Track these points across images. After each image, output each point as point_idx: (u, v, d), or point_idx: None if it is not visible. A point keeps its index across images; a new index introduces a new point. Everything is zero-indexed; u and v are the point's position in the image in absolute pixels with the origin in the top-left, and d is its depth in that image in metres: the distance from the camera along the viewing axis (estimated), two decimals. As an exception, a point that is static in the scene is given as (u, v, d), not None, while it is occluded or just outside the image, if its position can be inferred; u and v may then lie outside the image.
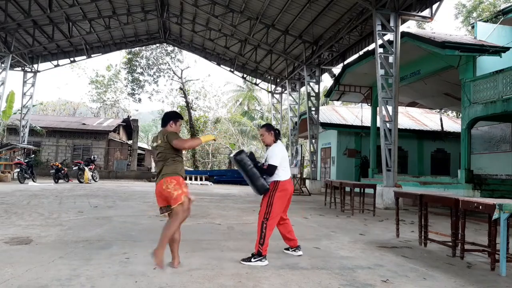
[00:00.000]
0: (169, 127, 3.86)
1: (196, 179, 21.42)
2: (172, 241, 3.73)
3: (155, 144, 3.87)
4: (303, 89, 20.62)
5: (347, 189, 9.48)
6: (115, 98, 35.14)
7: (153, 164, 32.69)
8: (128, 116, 32.86)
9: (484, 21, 14.55)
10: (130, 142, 30.74)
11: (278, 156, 4.24)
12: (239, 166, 4.24)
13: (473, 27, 14.94)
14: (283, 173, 4.26)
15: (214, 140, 4.45)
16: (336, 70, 18.24)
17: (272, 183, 4.23)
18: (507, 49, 11.05)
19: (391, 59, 11.20)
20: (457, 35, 16.71)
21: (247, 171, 4.19)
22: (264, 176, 4.22)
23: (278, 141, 4.48)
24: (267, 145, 4.43)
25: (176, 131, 3.86)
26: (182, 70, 30.82)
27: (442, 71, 12.85)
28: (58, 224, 6.03)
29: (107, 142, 26.89)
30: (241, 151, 4.30)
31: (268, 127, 4.46)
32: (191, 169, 26.89)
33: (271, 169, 4.19)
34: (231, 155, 4.42)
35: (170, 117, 3.91)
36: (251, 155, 4.31)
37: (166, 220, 3.85)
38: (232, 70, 23.85)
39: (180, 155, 3.86)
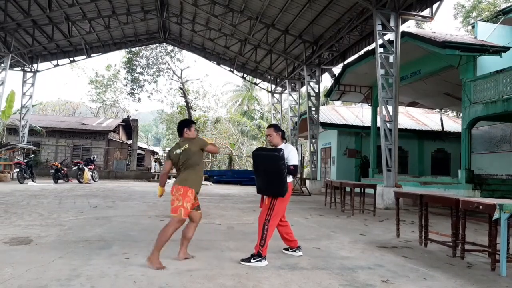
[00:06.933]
0: (185, 135, 4.06)
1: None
2: (183, 238, 4.02)
3: (178, 151, 3.96)
4: (303, 89, 20.61)
5: (347, 189, 9.48)
6: (115, 98, 35.10)
7: (153, 164, 32.74)
8: (127, 116, 32.81)
9: (485, 21, 14.54)
10: (129, 142, 30.72)
11: (296, 156, 4.26)
12: (273, 164, 3.98)
13: (473, 27, 14.94)
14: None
15: None
16: (336, 70, 18.24)
17: None
18: (508, 49, 11.04)
19: (391, 59, 11.19)
20: (457, 35, 16.71)
21: (281, 171, 3.99)
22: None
23: (286, 142, 4.46)
24: (274, 145, 4.38)
25: (193, 136, 4.07)
26: (181, 70, 30.86)
27: (442, 71, 12.84)
28: (58, 224, 6.02)
29: (106, 142, 26.87)
30: (280, 149, 4.09)
31: (276, 127, 4.42)
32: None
33: (296, 169, 4.19)
34: (271, 152, 4.08)
35: (183, 125, 4.11)
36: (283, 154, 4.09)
37: (169, 220, 3.92)
38: (232, 70, 23.83)
39: (201, 164, 4.11)
